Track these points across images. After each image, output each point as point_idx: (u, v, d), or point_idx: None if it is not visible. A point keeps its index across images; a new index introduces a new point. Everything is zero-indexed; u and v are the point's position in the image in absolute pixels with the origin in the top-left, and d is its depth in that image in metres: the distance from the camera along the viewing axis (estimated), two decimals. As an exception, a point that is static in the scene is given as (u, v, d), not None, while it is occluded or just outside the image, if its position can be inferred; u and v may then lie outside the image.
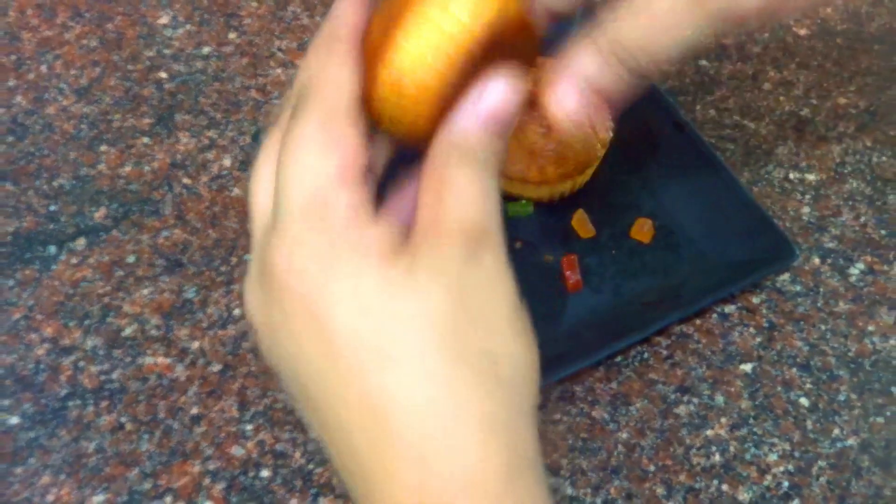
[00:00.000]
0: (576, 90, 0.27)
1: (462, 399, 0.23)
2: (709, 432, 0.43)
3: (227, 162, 0.50)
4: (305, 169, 0.23)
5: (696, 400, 0.44)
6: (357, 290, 0.23)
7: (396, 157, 0.28)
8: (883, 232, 0.50)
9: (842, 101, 0.55)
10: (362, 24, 0.26)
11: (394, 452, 0.22)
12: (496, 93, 0.25)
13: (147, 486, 0.40)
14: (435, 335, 0.23)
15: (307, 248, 0.23)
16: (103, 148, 0.50)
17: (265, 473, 0.41)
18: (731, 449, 0.43)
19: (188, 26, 0.55)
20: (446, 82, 0.24)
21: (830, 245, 0.50)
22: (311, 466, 0.41)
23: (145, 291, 0.46)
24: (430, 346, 0.22)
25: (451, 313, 0.23)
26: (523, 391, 0.25)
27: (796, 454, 0.43)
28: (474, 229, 0.24)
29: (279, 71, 0.54)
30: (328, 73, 0.25)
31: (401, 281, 0.23)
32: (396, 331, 0.22)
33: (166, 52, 0.54)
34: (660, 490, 0.41)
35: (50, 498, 0.40)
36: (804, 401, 0.45)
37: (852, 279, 0.48)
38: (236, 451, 0.41)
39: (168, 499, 0.40)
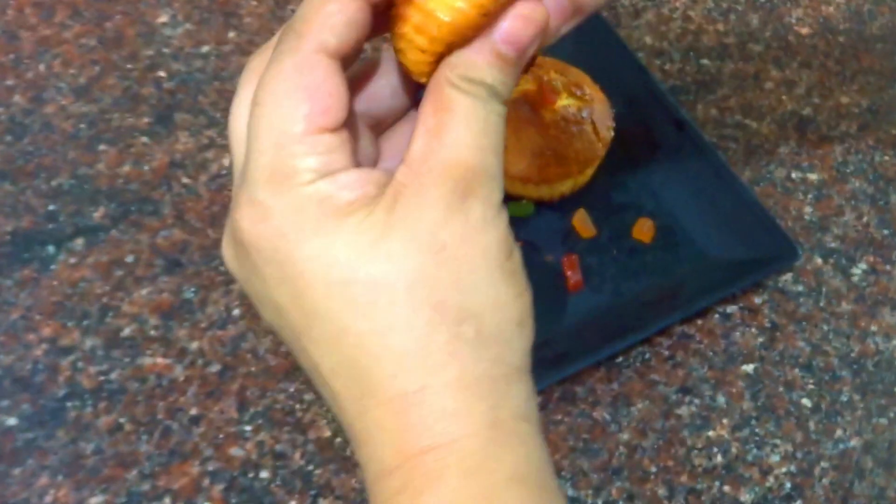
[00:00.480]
0: None
1: (437, 360, 0.22)
2: (710, 433, 0.43)
3: (226, 161, 0.50)
4: (274, 116, 0.22)
5: (697, 401, 0.44)
6: (327, 255, 0.22)
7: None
8: (885, 231, 0.50)
9: (844, 100, 0.55)
10: None
11: (375, 410, 0.22)
12: (519, 16, 0.23)
13: (146, 487, 0.40)
14: (409, 297, 0.22)
15: (275, 215, 0.22)
16: (102, 147, 0.50)
17: (265, 474, 0.41)
18: (733, 450, 0.43)
19: (187, 25, 0.55)
20: (470, 22, 0.23)
21: (833, 245, 0.49)
22: (310, 467, 0.41)
23: (144, 291, 0.45)
24: (403, 309, 0.22)
25: (425, 273, 0.22)
26: (512, 344, 0.24)
27: (798, 455, 0.43)
28: (466, 172, 0.22)
29: (279, 70, 0.54)
30: (319, 7, 0.23)
31: (373, 244, 0.22)
32: (369, 297, 0.22)
33: (165, 51, 0.54)
34: (661, 491, 0.41)
35: (48, 499, 0.40)
36: (806, 401, 0.44)
37: (855, 279, 0.48)
38: (235, 451, 0.41)
39: (167, 500, 0.40)
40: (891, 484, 0.42)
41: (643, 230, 0.48)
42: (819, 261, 0.49)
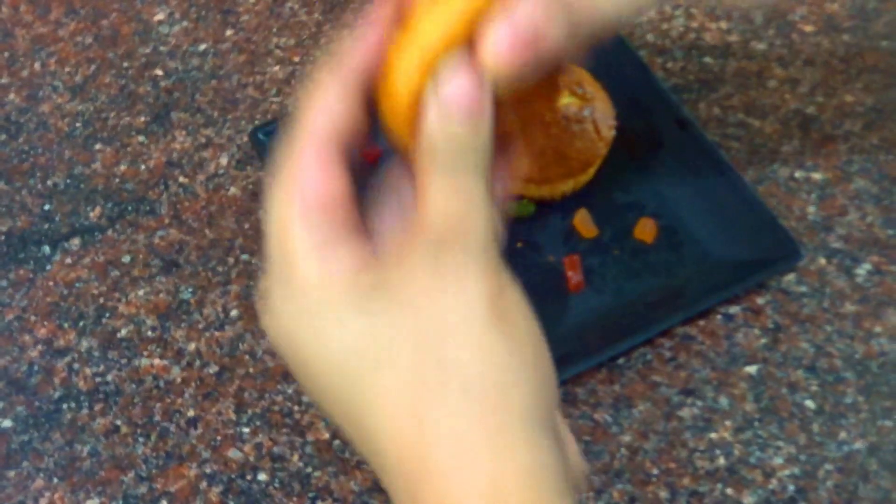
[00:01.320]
0: (511, 34, 0.24)
1: (431, 419, 0.22)
2: (713, 435, 0.43)
3: (223, 160, 0.50)
4: (274, 206, 0.24)
5: (699, 402, 0.44)
6: (321, 339, 0.23)
7: None
8: (890, 232, 0.50)
9: (848, 98, 0.55)
10: (365, 54, 0.26)
11: (391, 477, 0.23)
12: (452, 83, 0.23)
13: (143, 489, 0.40)
14: (392, 365, 0.23)
15: (282, 314, 0.24)
16: (98, 146, 0.50)
17: (262, 477, 0.40)
18: (736, 452, 0.42)
19: (184, 23, 0.55)
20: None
21: (837, 245, 0.49)
22: (308, 469, 0.41)
23: (141, 292, 0.45)
24: (388, 378, 0.23)
25: (405, 339, 0.23)
26: (508, 393, 0.23)
27: (802, 457, 0.42)
28: (439, 232, 0.23)
29: (277, 68, 0.53)
30: (308, 105, 0.25)
31: (358, 319, 0.23)
32: (360, 370, 0.23)
33: (162, 49, 0.54)
34: (663, 494, 0.41)
35: (43, 502, 0.39)
36: (810, 403, 0.44)
37: (859, 279, 0.48)
38: (233, 454, 0.41)
39: (164, 502, 0.39)
40: (896, 487, 0.42)
41: (645, 230, 0.48)
42: (823, 261, 0.48)
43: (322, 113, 0.25)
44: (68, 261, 0.46)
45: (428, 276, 0.23)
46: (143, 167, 0.49)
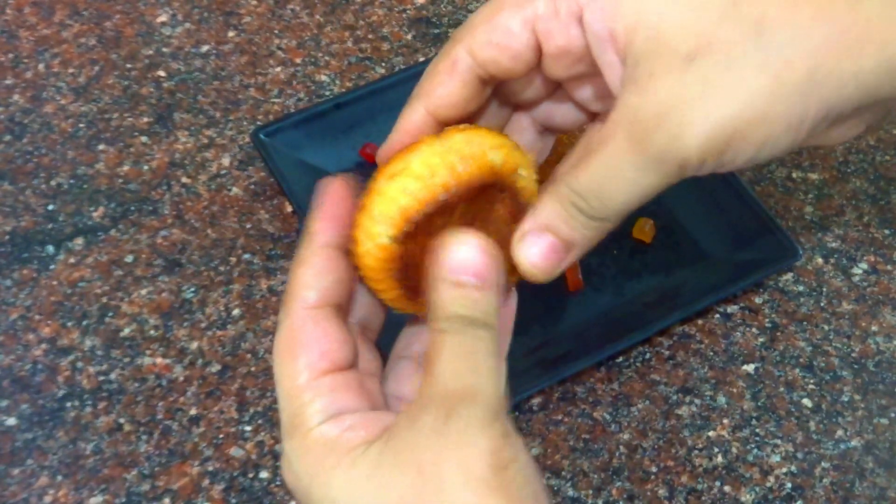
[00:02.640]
0: (540, 241, 0.27)
1: None
2: (711, 433, 0.43)
3: (226, 161, 0.50)
4: (283, 373, 0.26)
5: (698, 401, 0.44)
6: (331, 495, 0.24)
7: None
8: (886, 231, 0.50)
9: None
10: (336, 223, 0.27)
11: None
12: (452, 252, 0.25)
13: (146, 487, 0.40)
14: None
15: (293, 462, 0.25)
16: (102, 147, 0.50)
17: (264, 474, 0.41)
18: (734, 450, 0.43)
19: (187, 24, 0.55)
20: (397, 253, 0.26)
21: (833, 244, 0.49)
22: (310, 468, 0.41)
23: (144, 291, 0.45)
24: None
25: (408, 498, 0.23)
26: None
27: (799, 455, 0.43)
28: (447, 398, 0.24)
29: (278, 69, 0.54)
30: (291, 279, 0.27)
31: (368, 478, 0.24)
32: None
33: (165, 50, 0.54)
34: (662, 491, 0.41)
35: (47, 499, 0.40)
36: (807, 401, 0.44)
37: (855, 279, 0.48)
38: (235, 451, 0.41)
39: (167, 500, 0.40)
40: (892, 484, 0.42)
41: (644, 230, 0.48)
42: (820, 261, 0.49)
43: (312, 287, 0.26)
44: (72, 260, 0.46)
45: (434, 437, 0.23)
46: (145, 167, 0.49)
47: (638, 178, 0.26)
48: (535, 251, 0.27)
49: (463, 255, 0.25)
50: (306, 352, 0.26)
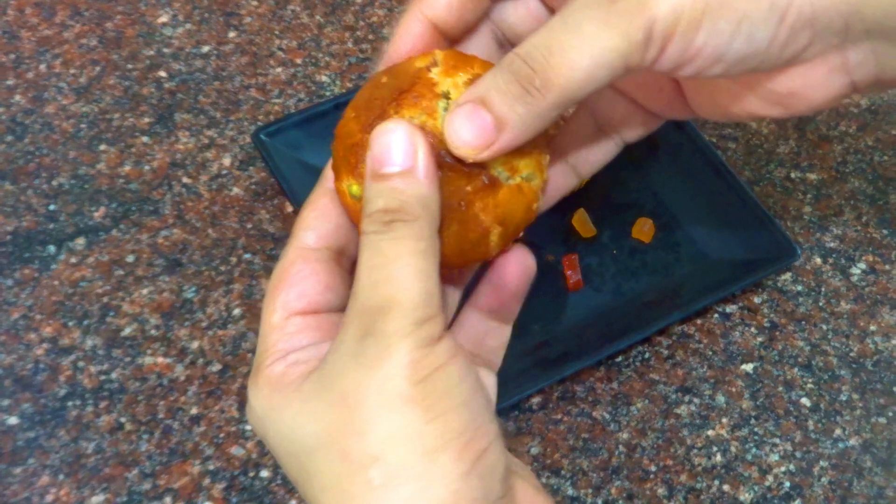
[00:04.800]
0: (472, 114, 0.24)
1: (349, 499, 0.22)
2: (710, 432, 0.43)
3: (226, 161, 0.50)
4: (265, 308, 0.26)
5: (697, 400, 0.44)
6: (280, 430, 0.24)
7: None
8: (884, 231, 0.50)
9: (844, 99, 0.55)
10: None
11: None
12: (375, 143, 0.23)
13: (147, 486, 0.40)
14: (327, 455, 0.23)
15: (252, 399, 0.25)
16: (103, 147, 0.50)
17: (265, 474, 0.41)
18: (733, 449, 0.43)
19: (188, 25, 0.55)
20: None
21: (832, 244, 0.49)
22: (310, 467, 0.41)
23: (145, 291, 0.46)
24: (325, 467, 0.23)
25: (335, 427, 0.22)
26: (429, 476, 0.22)
27: (798, 454, 0.43)
28: (362, 314, 0.22)
29: (279, 70, 0.54)
30: (297, 219, 0.26)
31: (304, 409, 0.23)
32: (308, 462, 0.23)
33: (166, 51, 0.54)
34: (661, 490, 0.41)
35: (49, 498, 0.40)
36: (806, 401, 0.44)
37: (854, 279, 0.48)
38: (236, 451, 0.41)
39: (168, 499, 0.40)
40: (890, 483, 0.42)
41: (643, 230, 0.48)
42: (818, 260, 0.49)
43: (312, 228, 0.26)
44: (73, 260, 0.46)
45: (353, 360, 0.22)
46: (146, 168, 0.50)
47: (596, 36, 0.22)
48: (463, 123, 0.24)
49: (385, 141, 0.23)
50: (286, 290, 0.25)
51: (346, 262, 0.26)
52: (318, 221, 0.26)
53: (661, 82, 0.30)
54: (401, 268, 0.22)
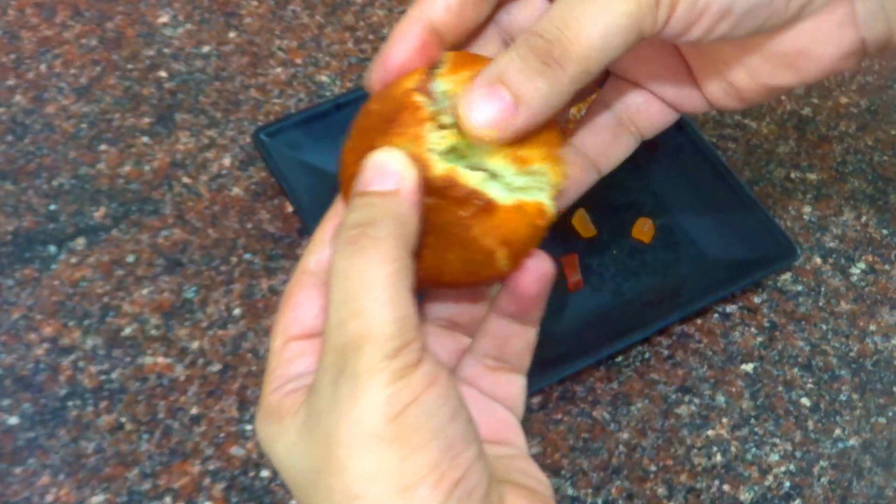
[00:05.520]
0: (489, 94, 0.23)
1: None
2: (710, 432, 0.43)
3: (227, 161, 0.50)
4: (271, 338, 0.26)
5: (697, 400, 0.44)
6: (277, 459, 0.24)
7: None
8: (884, 231, 0.50)
9: (843, 100, 0.55)
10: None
11: None
12: (362, 173, 0.23)
13: (147, 486, 0.40)
14: (312, 492, 0.23)
15: (259, 438, 0.25)
16: (103, 147, 0.50)
17: (265, 473, 0.41)
18: (733, 449, 0.43)
19: (188, 25, 0.55)
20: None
21: (832, 244, 0.50)
22: (311, 466, 0.41)
23: (145, 291, 0.46)
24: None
25: (319, 465, 0.23)
26: None
27: (798, 454, 0.43)
28: (336, 351, 0.22)
29: (279, 70, 0.54)
30: (310, 246, 0.26)
31: (295, 444, 0.23)
32: (299, 496, 0.24)
33: (166, 51, 0.54)
34: (661, 490, 0.41)
35: (49, 498, 0.40)
36: (805, 401, 0.44)
37: (854, 279, 0.48)
38: (236, 451, 0.41)
39: (168, 499, 0.40)
40: (889, 483, 0.42)
41: (643, 230, 0.48)
42: (818, 260, 0.49)
43: (315, 252, 0.26)
44: (73, 260, 0.46)
45: (331, 399, 0.22)
46: (147, 168, 0.50)
47: (607, 3, 0.22)
48: (479, 104, 0.23)
49: (372, 167, 0.23)
50: (284, 315, 0.25)
51: None
52: (321, 245, 0.26)
53: (675, 66, 0.30)
54: (369, 299, 0.22)
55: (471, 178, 0.24)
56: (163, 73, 0.53)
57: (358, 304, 0.22)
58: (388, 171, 0.23)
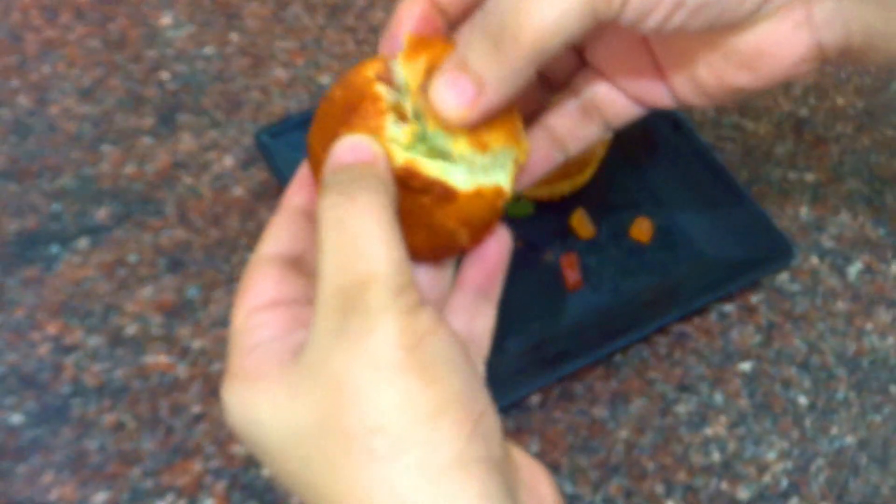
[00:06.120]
0: (454, 78, 0.24)
1: (363, 486, 0.22)
2: (708, 431, 0.43)
3: (228, 162, 0.51)
4: (233, 313, 0.26)
5: (695, 398, 0.44)
6: (257, 427, 0.23)
7: None
8: (881, 231, 0.51)
9: (840, 101, 0.55)
10: (305, 191, 0.27)
11: None
12: (333, 154, 0.24)
13: (149, 484, 0.40)
14: (324, 441, 0.22)
15: (230, 414, 0.24)
16: (106, 148, 0.51)
17: (267, 471, 0.41)
18: (730, 447, 0.43)
19: (190, 27, 0.56)
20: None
21: (829, 245, 0.50)
22: (312, 464, 0.41)
23: (147, 291, 0.46)
24: (323, 453, 0.22)
25: (329, 411, 0.22)
26: (432, 440, 0.21)
27: (795, 452, 0.43)
28: (340, 294, 0.22)
29: (280, 71, 0.54)
30: (264, 235, 0.27)
31: (289, 400, 0.23)
32: (300, 453, 0.23)
33: (168, 52, 0.54)
34: (659, 488, 0.42)
35: (52, 496, 0.40)
36: (803, 399, 0.45)
37: (850, 278, 0.49)
38: (238, 449, 0.42)
39: (170, 497, 0.40)
40: (885, 481, 0.43)
41: (641, 230, 0.48)
42: (815, 260, 0.49)
43: (272, 240, 0.26)
44: (76, 260, 0.47)
45: (338, 341, 0.22)
46: (149, 168, 0.50)
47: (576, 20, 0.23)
48: (446, 90, 0.24)
49: (342, 147, 0.24)
50: (245, 293, 0.25)
51: (302, 268, 0.27)
52: (273, 232, 0.27)
53: (643, 61, 0.30)
54: (370, 241, 0.22)
55: (431, 169, 0.25)
56: (165, 75, 0.54)
57: (359, 247, 0.22)
58: (361, 147, 0.24)
